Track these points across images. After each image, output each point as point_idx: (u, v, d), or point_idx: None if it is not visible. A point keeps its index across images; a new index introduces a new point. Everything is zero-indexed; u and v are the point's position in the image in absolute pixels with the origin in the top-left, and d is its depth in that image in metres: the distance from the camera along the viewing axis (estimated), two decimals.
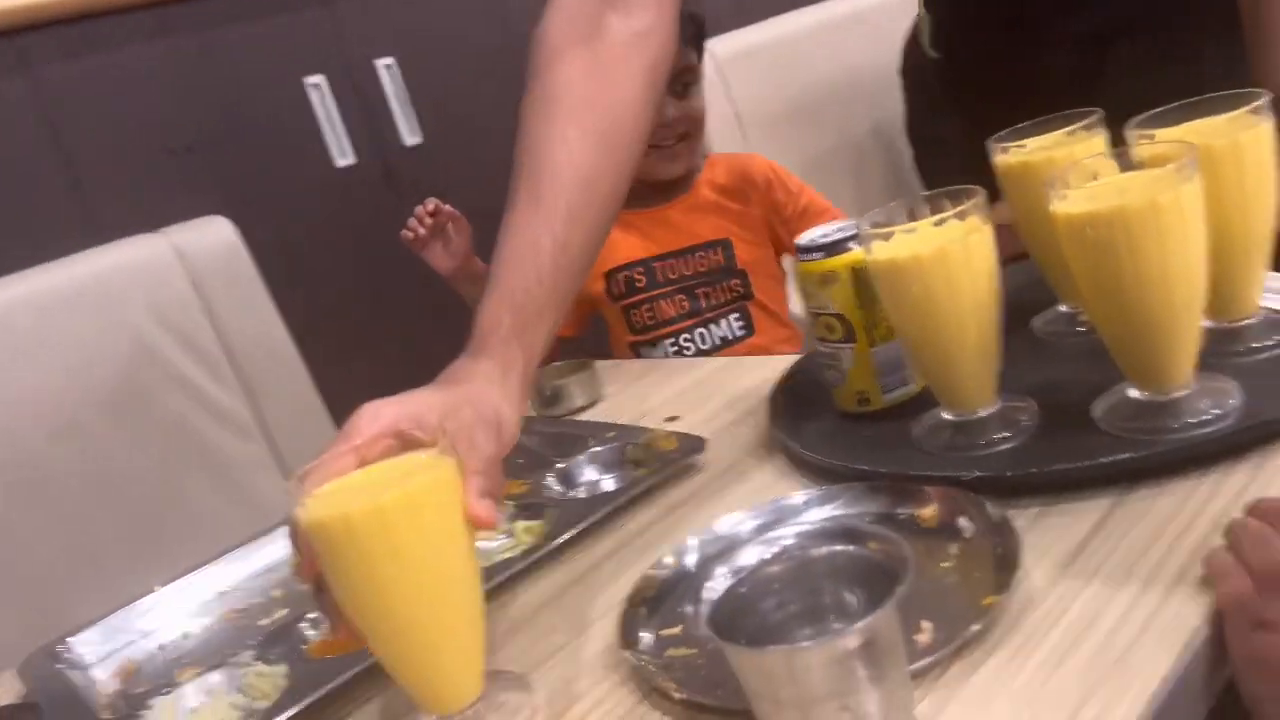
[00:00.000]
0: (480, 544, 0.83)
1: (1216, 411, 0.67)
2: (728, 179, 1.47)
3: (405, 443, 0.60)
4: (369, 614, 0.58)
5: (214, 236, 1.58)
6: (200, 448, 1.44)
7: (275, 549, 0.94)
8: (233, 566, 0.93)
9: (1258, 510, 0.57)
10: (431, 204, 1.42)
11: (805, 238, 0.84)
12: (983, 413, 0.75)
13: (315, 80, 1.77)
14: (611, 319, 1.49)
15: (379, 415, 0.62)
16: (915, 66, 2.16)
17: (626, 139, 0.79)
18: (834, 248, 0.82)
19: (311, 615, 0.78)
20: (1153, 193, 0.64)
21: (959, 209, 0.71)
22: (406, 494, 0.55)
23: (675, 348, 1.44)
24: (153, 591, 0.90)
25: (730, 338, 1.43)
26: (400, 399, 0.64)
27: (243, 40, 1.77)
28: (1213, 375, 0.70)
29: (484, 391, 0.66)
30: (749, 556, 0.51)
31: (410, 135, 1.86)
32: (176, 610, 0.88)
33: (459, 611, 0.59)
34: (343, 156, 1.80)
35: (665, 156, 1.42)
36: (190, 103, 1.72)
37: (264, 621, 0.84)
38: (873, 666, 0.44)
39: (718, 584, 0.50)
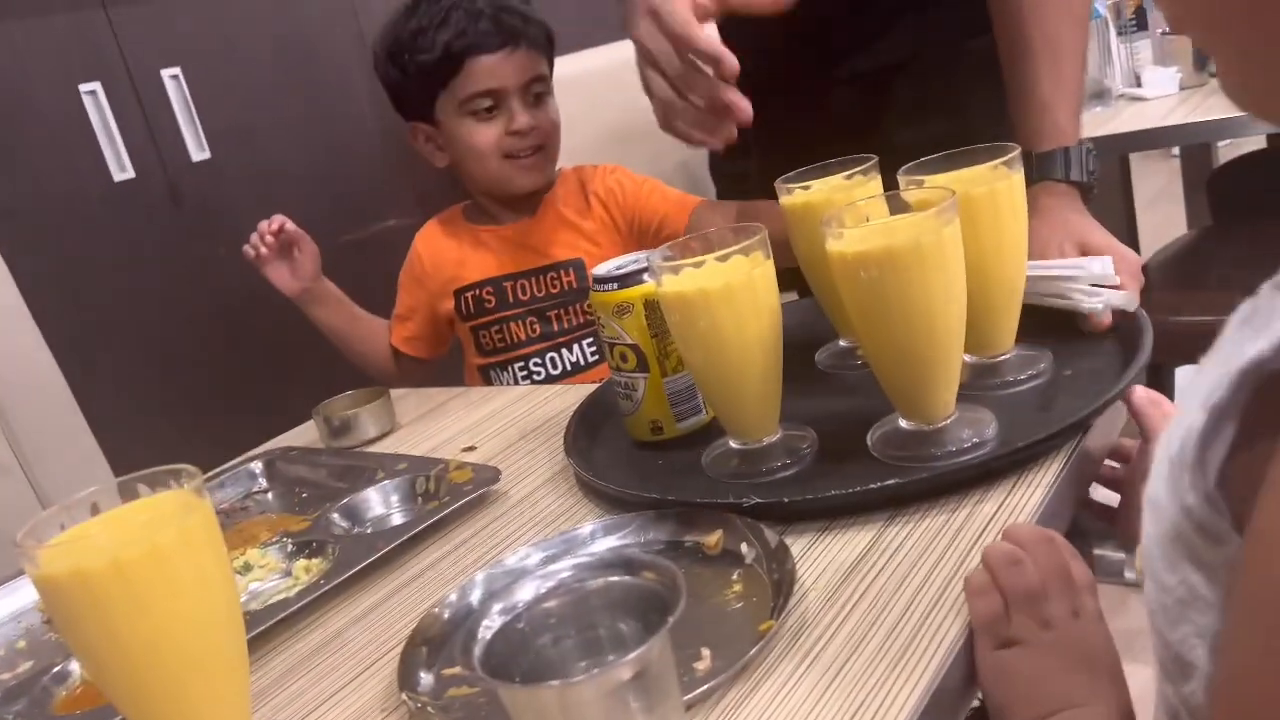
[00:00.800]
0: (254, 585, 0.79)
1: (975, 439, 0.72)
2: (578, 194, 1.41)
3: None
4: (111, 672, 0.53)
5: None
6: None
7: (20, 596, 0.86)
8: None
9: (1011, 535, 0.61)
10: (276, 222, 1.34)
11: (601, 268, 0.85)
12: (766, 441, 0.77)
13: (91, 88, 1.64)
14: (462, 339, 1.42)
15: None
16: None
17: None
18: (628, 279, 0.83)
19: (57, 669, 0.71)
20: (917, 234, 0.68)
21: (743, 245, 0.73)
22: (152, 548, 0.50)
23: (525, 372, 1.37)
24: None
25: (582, 363, 1.36)
26: None
27: (8, 40, 1.63)
28: (972, 406, 0.75)
29: None
30: (526, 591, 0.49)
31: (197, 150, 1.76)
32: None
33: (217, 661, 0.54)
34: (121, 170, 1.68)
35: (521, 168, 1.35)
36: None
37: (5, 676, 0.75)
38: (645, 698, 0.44)
39: (493, 621, 0.48)
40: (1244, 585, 0.33)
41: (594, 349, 1.33)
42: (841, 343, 0.94)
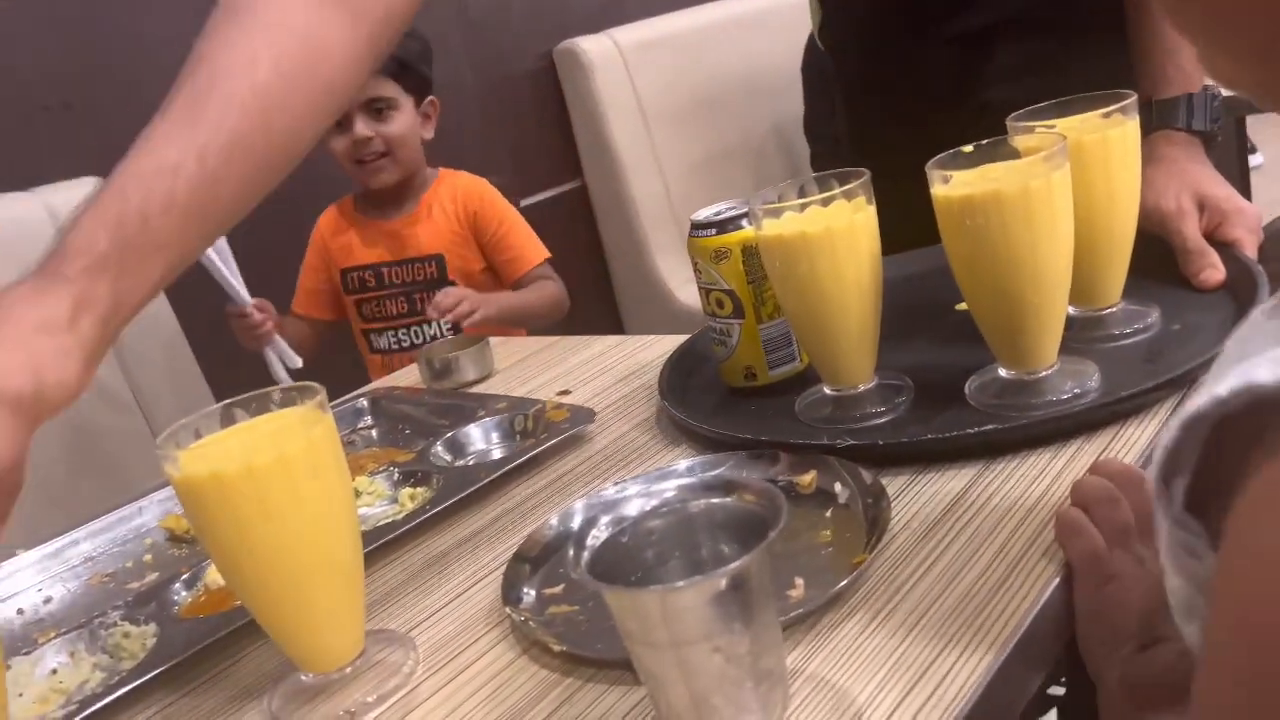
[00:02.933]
0: (363, 510, 0.83)
1: (1076, 390, 0.72)
2: (449, 199, 1.75)
3: None
4: (242, 573, 0.57)
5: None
6: (71, 418, 1.38)
7: (147, 517, 0.91)
8: (103, 533, 0.90)
9: (1101, 470, 0.61)
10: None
11: (700, 214, 0.86)
12: (861, 388, 0.77)
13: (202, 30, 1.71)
14: (348, 307, 1.80)
15: None
16: (814, 64, 2.22)
17: (326, 85, 0.68)
18: (726, 224, 0.84)
19: (185, 576, 0.75)
20: (1025, 179, 0.67)
21: (845, 189, 0.73)
22: (280, 456, 0.54)
23: (395, 340, 1.76)
24: (14, 555, 0.86)
25: (439, 336, 1.72)
26: None
27: None
28: (1075, 358, 0.75)
29: (22, 342, 0.52)
30: (632, 508, 0.51)
31: None
32: (39, 574, 0.85)
33: (336, 570, 0.58)
34: None
35: (368, 171, 1.69)
36: (70, 60, 1.65)
37: (133, 585, 0.81)
38: (744, 609, 0.45)
39: (601, 533, 0.50)
40: (1210, 619, 0.32)
41: (450, 326, 1.63)
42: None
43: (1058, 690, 1.44)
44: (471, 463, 0.88)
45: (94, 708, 0.62)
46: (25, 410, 0.52)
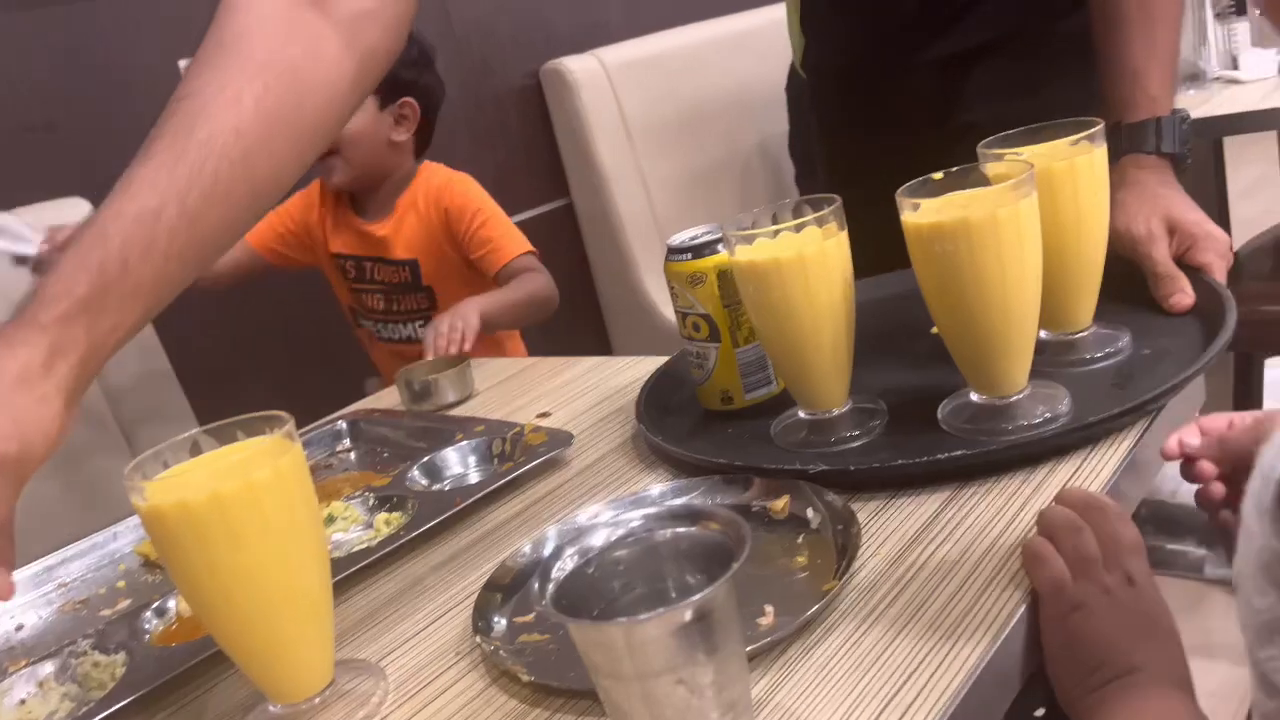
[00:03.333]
0: (337, 536, 0.83)
1: (1048, 414, 0.72)
2: (424, 199, 1.66)
3: None
4: (210, 603, 0.57)
5: (72, 218, 1.51)
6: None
7: (122, 542, 0.91)
8: (76, 559, 0.90)
9: (1065, 499, 0.61)
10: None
11: (676, 239, 0.86)
12: (835, 412, 0.78)
13: (188, 63, 1.71)
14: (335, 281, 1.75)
15: None
16: (795, 87, 2.23)
17: (312, 124, 0.67)
18: (702, 249, 0.84)
19: (156, 604, 0.75)
20: (992, 207, 0.68)
21: (818, 215, 0.74)
22: (247, 484, 0.54)
23: (375, 330, 1.74)
24: None
25: (414, 338, 1.68)
26: None
27: (114, 17, 1.70)
28: (1046, 382, 0.75)
29: (2, 402, 0.54)
30: (597, 538, 0.51)
31: None
32: (11, 602, 0.84)
33: (304, 600, 0.58)
34: None
35: (320, 167, 1.61)
36: (54, 79, 1.65)
37: (105, 612, 0.80)
38: (708, 640, 0.45)
39: (566, 565, 0.50)
40: None
41: (424, 329, 1.53)
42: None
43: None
44: (448, 487, 0.88)
45: None
46: (10, 470, 0.54)
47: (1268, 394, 1.77)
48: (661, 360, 1.01)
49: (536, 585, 0.48)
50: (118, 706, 0.63)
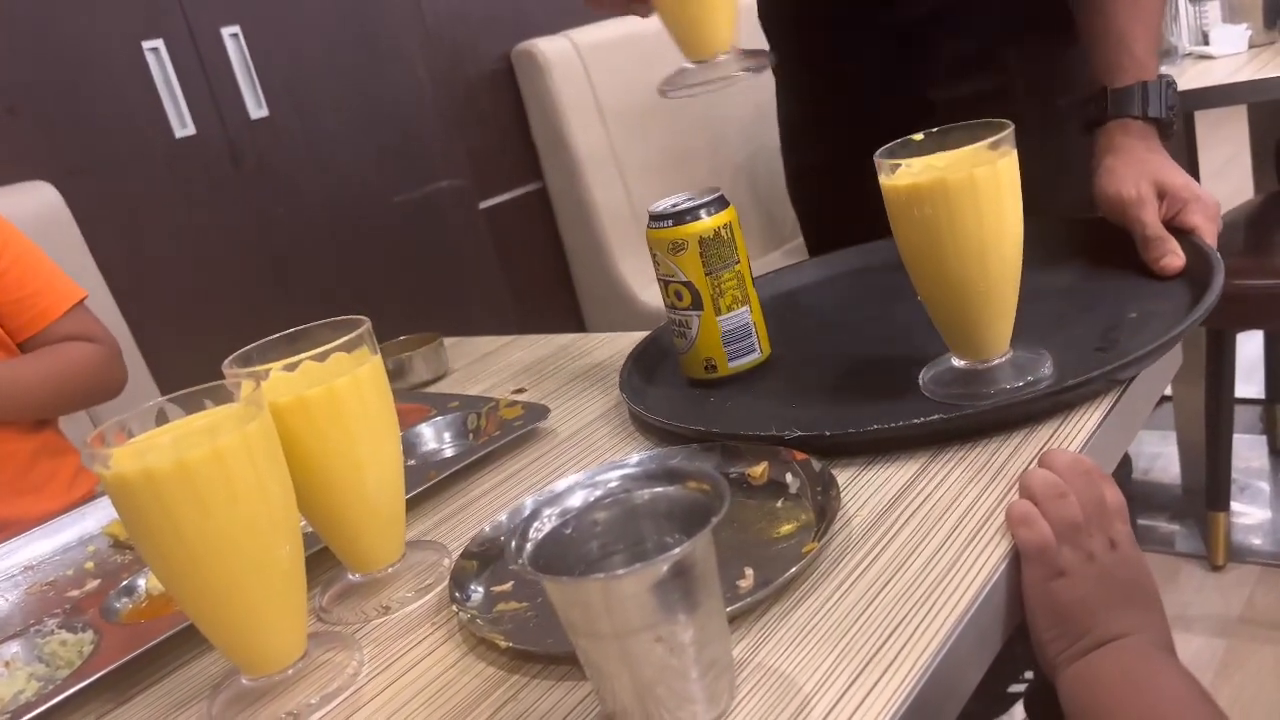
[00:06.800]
0: None
1: (1029, 379, 0.72)
2: None
3: None
4: (179, 574, 0.55)
5: (35, 202, 1.49)
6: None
7: (89, 523, 0.89)
8: (42, 541, 0.88)
9: (1048, 462, 0.61)
10: None
11: (657, 206, 0.85)
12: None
13: (154, 44, 1.68)
14: None
15: None
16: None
17: None
18: (684, 215, 0.83)
19: (125, 583, 0.74)
20: (970, 166, 0.67)
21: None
22: (214, 450, 0.53)
23: None
24: None
25: None
26: None
27: None
28: (1029, 347, 0.74)
29: None
30: (576, 500, 0.51)
31: (256, 108, 1.79)
32: None
33: (275, 568, 0.57)
34: (183, 126, 1.72)
35: None
36: (14, 62, 1.61)
37: (73, 593, 0.79)
38: (687, 597, 0.45)
39: (544, 525, 0.49)
40: None
41: None
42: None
43: (1019, 688, 1.46)
44: (423, 462, 0.87)
45: (27, 717, 0.60)
46: None
47: (1240, 369, 1.78)
48: (637, 335, 1.00)
49: (513, 544, 0.47)
50: (86, 683, 0.62)
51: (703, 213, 0.83)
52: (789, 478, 0.68)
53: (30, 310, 1.20)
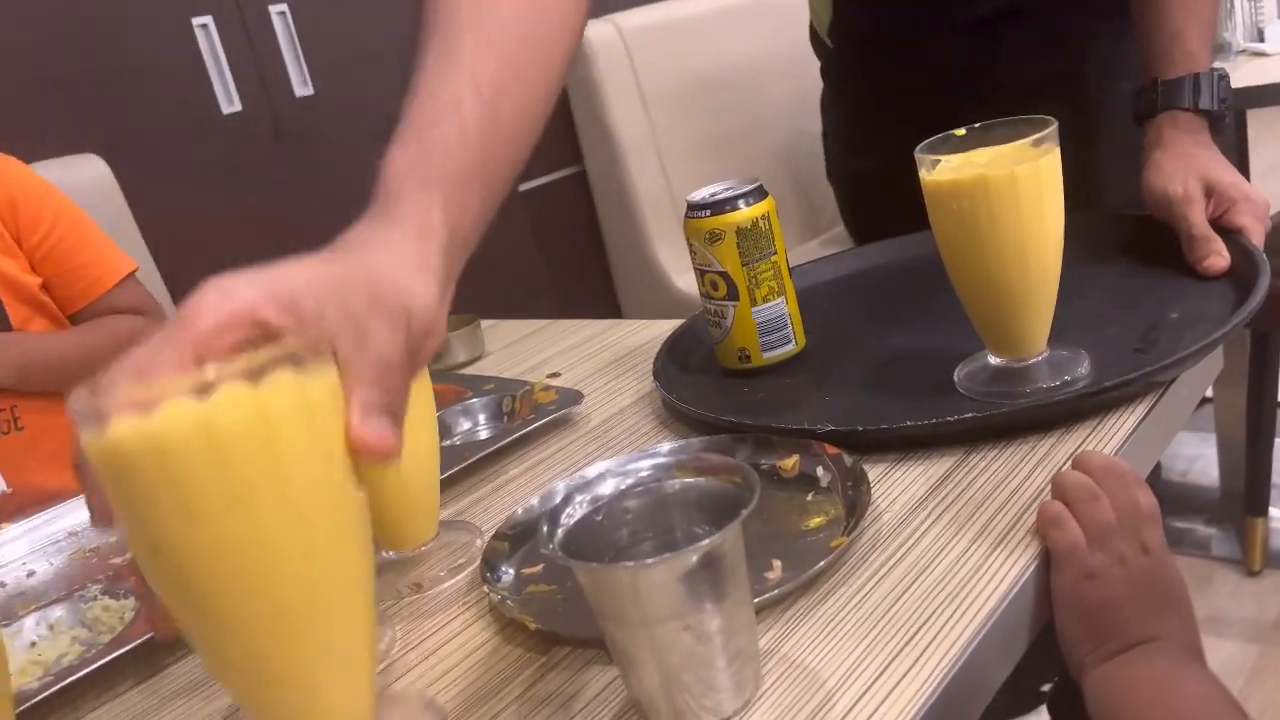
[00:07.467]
0: None
1: (1066, 378, 0.71)
2: None
3: (265, 335, 0.42)
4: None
5: (86, 174, 1.51)
6: None
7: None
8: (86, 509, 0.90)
9: (1082, 464, 0.60)
10: None
11: (695, 195, 0.86)
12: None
13: (203, 21, 1.70)
14: None
15: (231, 295, 0.43)
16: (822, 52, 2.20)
17: (560, 20, 0.64)
18: (722, 205, 0.83)
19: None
20: (1012, 163, 0.67)
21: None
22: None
23: None
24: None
25: None
26: (264, 275, 0.45)
27: None
28: (1066, 346, 0.74)
29: (388, 266, 0.49)
30: (607, 488, 0.51)
31: (301, 86, 1.81)
32: (23, 549, 0.85)
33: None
34: (229, 103, 1.74)
35: None
36: (67, 36, 1.64)
37: (117, 560, 0.81)
38: (715, 587, 0.45)
39: (575, 511, 0.50)
40: None
41: None
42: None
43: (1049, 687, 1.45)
44: (458, 443, 0.88)
45: (69, 680, 0.61)
46: (400, 326, 0.47)
47: None
48: (674, 323, 1.00)
49: (545, 529, 0.47)
50: (127, 649, 0.63)
51: (741, 203, 0.83)
52: (820, 471, 0.68)
53: (82, 280, 1.21)
